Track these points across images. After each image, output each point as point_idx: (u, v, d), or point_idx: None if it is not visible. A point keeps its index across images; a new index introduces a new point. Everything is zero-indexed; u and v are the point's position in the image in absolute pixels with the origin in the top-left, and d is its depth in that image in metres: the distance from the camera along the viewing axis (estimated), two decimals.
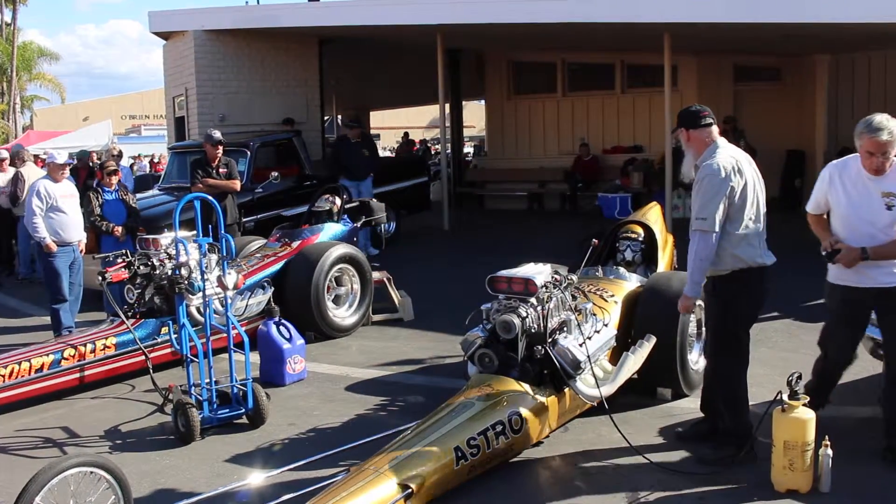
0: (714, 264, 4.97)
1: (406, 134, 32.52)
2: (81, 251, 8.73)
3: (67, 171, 8.85)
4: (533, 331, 5.33)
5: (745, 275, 5.01)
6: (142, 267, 6.66)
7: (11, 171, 12.89)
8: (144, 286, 6.80)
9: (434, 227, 15.89)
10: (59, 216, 8.47)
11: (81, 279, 8.75)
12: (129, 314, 7.02)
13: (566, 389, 5.39)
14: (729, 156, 4.99)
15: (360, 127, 14.68)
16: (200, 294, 6.16)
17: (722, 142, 5.10)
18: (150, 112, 49.32)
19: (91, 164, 15.74)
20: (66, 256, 8.51)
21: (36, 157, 13.88)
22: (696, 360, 6.36)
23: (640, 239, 7.21)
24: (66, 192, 8.61)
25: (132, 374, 7.22)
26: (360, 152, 13.72)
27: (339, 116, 27.00)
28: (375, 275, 9.01)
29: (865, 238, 4.87)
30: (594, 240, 6.56)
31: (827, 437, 4.61)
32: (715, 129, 5.09)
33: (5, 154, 13.46)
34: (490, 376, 5.31)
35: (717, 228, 4.86)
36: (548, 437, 5.42)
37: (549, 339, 5.33)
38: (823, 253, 4.93)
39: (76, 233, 8.63)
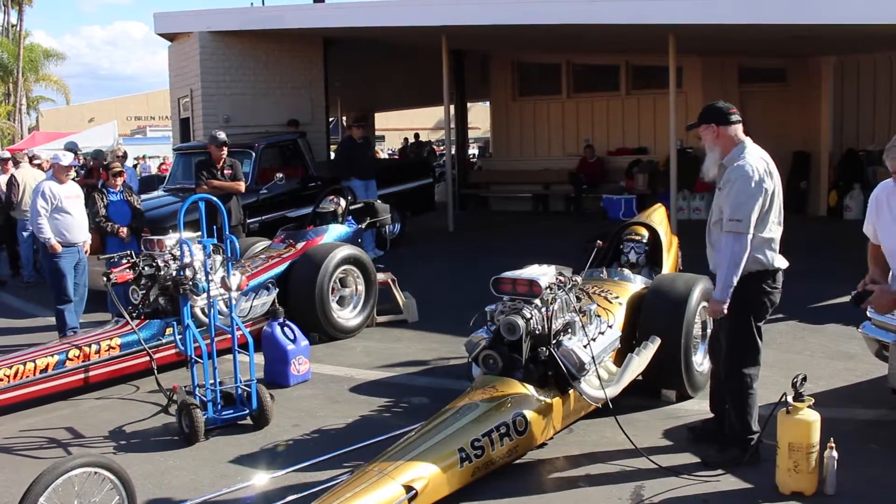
0: None
1: (416, 135, 32.50)
2: (86, 252, 8.77)
3: (73, 173, 8.92)
4: (537, 332, 5.32)
5: (762, 277, 4.95)
6: (146, 268, 6.66)
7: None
8: (149, 287, 6.81)
9: (439, 228, 15.88)
10: (64, 217, 8.49)
11: (86, 280, 8.80)
12: (134, 315, 7.04)
13: (570, 391, 5.39)
14: (759, 157, 4.90)
15: (366, 126, 14.69)
16: (205, 295, 6.16)
17: (748, 141, 5.01)
18: (156, 113, 49.42)
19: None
20: (70, 257, 8.54)
21: (31, 158, 13.88)
22: (701, 362, 6.36)
23: (645, 241, 7.21)
24: (70, 193, 8.63)
25: (137, 375, 7.23)
26: (366, 151, 13.75)
27: (344, 118, 27.02)
28: (380, 276, 9.01)
29: None
30: (599, 241, 6.55)
31: (832, 440, 4.60)
32: (741, 127, 5.03)
33: (7, 155, 13.51)
34: (494, 378, 5.30)
35: (751, 230, 4.78)
36: (552, 438, 5.41)
37: (554, 341, 5.32)
38: (851, 294, 4.18)
39: (81, 234, 8.66)
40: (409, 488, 4.25)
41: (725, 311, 4.85)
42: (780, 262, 5.01)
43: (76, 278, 8.63)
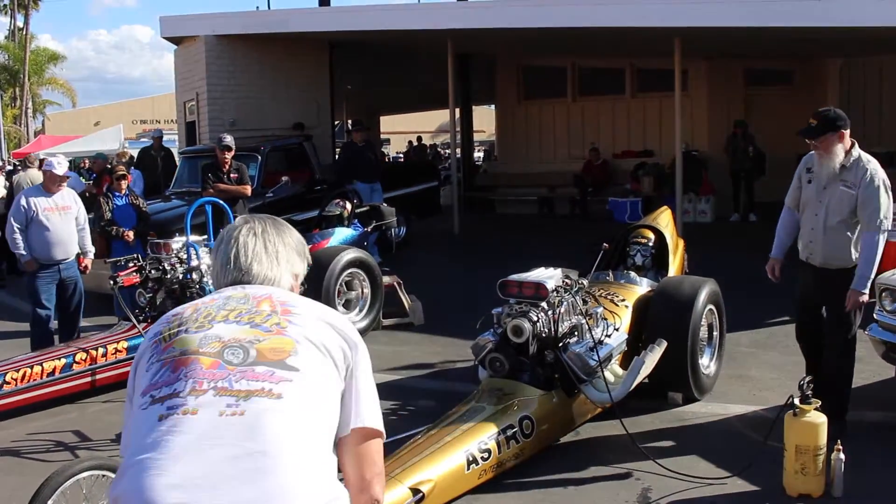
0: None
1: (419, 138, 32.54)
2: (85, 269, 8.02)
3: (65, 184, 7.90)
4: (544, 335, 5.33)
5: None
6: (153, 271, 6.69)
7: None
8: (156, 290, 6.83)
9: (444, 231, 15.89)
10: (41, 232, 7.60)
11: (79, 301, 7.99)
12: (141, 318, 7.05)
13: (577, 394, 5.39)
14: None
15: (365, 129, 14.70)
16: None
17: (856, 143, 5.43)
18: (162, 117, 49.42)
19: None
20: (49, 277, 7.69)
21: (42, 161, 13.96)
22: (707, 365, 6.36)
23: (651, 243, 7.20)
24: (54, 205, 7.70)
25: None
26: (368, 155, 13.77)
27: (350, 121, 27.10)
28: (385, 279, 9.01)
29: None
30: (605, 244, 6.56)
31: (839, 442, 4.59)
32: None
33: None
34: (501, 380, 5.31)
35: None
36: (558, 441, 5.41)
37: (560, 344, 5.33)
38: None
39: (60, 251, 7.70)
40: (415, 491, 4.25)
41: (866, 301, 5.31)
42: None
43: (65, 299, 7.84)
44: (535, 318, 5.30)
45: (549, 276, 5.48)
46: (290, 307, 2.12)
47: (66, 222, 7.76)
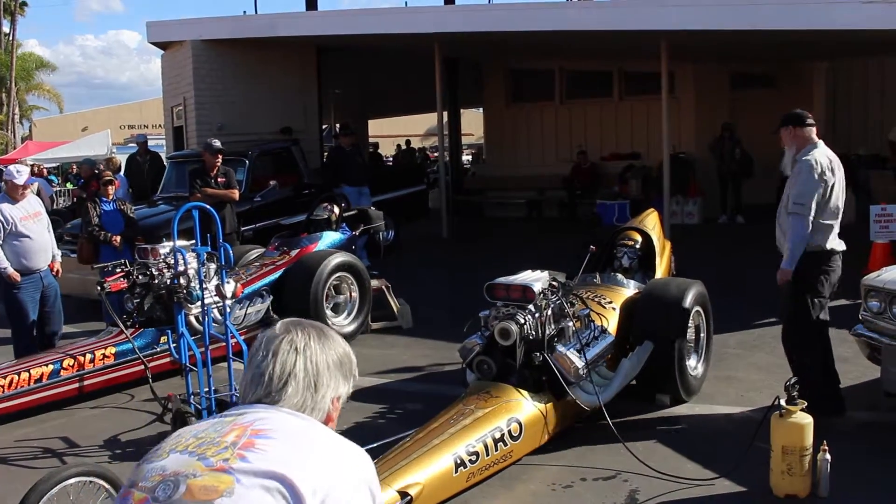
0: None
1: (408, 142, 32.54)
2: (57, 273, 7.82)
3: (29, 191, 7.76)
4: (531, 337, 5.34)
5: (818, 257, 5.62)
6: (140, 276, 6.66)
7: None
8: (143, 295, 6.81)
9: (433, 235, 15.90)
10: (22, 241, 7.42)
11: (59, 306, 7.83)
12: (128, 324, 7.03)
13: (565, 396, 5.40)
14: (825, 154, 5.61)
15: (353, 134, 14.71)
16: (199, 303, 6.17)
17: (821, 142, 5.72)
18: (149, 122, 49.26)
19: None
20: (32, 286, 7.51)
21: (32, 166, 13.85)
22: (695, 366, 6.38)
23: (638, 246, 7.23)
24: (26, 213, 7.53)
25: (131, 384, 7.22)
26: (356, 159, 13.78)
27: (338, 125, 27.08)
28: (374, 283, 9.02)
29: None
30: (592, 246, 6.58)
31: (825, 442, 4.62)
32: (815, 130, 5.74)
33: None
34: (489, 383, 5.32)
35: (811, 214, 5.51)
36: (546, 443, 5.42)
37: (548, 346, 5.34)
38: None
39: (42, 258, 7.58)
40: (403, 494, 4.26)
41: (790, 279, 5.58)
42: (837, 245, 5.71)
43: (47, 306, 7.65)
44: (523, 321, 5.32)
45: (536, 279, 5.50)
46: (259, 438, 1.81)
47: (42, 228, 7.66)
